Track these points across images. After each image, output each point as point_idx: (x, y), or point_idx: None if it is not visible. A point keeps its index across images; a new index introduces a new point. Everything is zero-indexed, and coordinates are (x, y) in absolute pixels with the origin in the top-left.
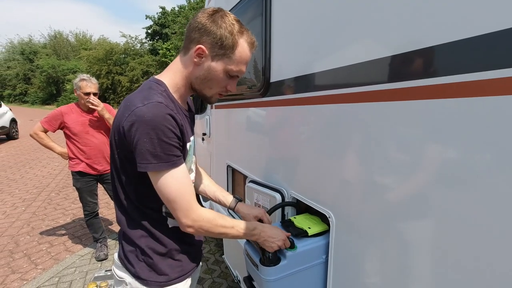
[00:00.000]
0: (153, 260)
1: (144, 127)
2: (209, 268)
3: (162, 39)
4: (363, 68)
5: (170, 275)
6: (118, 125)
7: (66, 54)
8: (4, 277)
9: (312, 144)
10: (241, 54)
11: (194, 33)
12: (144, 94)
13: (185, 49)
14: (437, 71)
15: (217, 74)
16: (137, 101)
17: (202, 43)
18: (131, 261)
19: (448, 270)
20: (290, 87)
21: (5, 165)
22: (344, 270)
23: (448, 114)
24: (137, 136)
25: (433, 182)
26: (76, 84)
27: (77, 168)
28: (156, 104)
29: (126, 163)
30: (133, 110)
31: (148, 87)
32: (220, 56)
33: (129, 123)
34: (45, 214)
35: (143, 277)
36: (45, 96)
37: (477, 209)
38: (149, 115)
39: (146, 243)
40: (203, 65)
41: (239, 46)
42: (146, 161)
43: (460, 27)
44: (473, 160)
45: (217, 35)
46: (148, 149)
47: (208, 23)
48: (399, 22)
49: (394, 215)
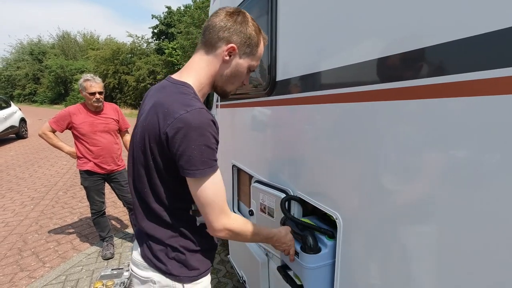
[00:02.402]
0: (185, 256)
1: (191, 134)
2: (214, 268)
3: (168, 38)
4: (372, 66)
5: (200, 269)
6: (155, 131)
7: (74, 54)
8: (12, 275)
9: (319, 144)
10: (261, 51)
11: (223, 32)
12: (180, 99)
13: (209, 48)
14: (451, 68)
15: (242, 70)
16: (177, 108)
17: (232, 42)
18: (161, 260)
19: (456, 271)
20: (297, 86)
21: (14, 164)
22: (351, 272)
23: (466, 114)
24: (184, 143)
25: (442, 184)
26: (81, 85)
27: (85, 167)
28: (199, 111)
29: (162, 169)
30: (176, 118)
31: (179, 92)
32: (247, 54)
33: (173, 130)
34: (53, 213)
35: (175, 274)
36: (54, 95)
37: (486, 210)
38: (196, 122)
39: (177, 242)
40: (231, 62)
41: (261, 44)
42: (194, 168)
43: (471, 24)
44: (485, 162)
45: (246, 35)
46: (196, 155)
47: (237, 23)
48: (408, 18)
49: (401, 216)
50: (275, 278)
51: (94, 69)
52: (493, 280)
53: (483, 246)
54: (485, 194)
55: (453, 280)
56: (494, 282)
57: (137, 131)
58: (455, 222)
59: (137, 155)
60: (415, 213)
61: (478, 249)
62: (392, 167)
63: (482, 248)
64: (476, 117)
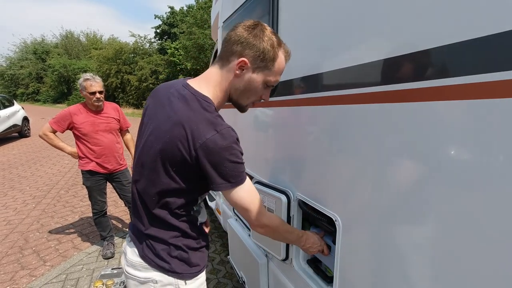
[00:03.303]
0: (188, 254)
1: (224, 155)
2: (214, 268)
3: (171, 38)
4: (373, 68)
5: (200, 265)
6: (183, 148)
7: (77, 54)
8: (13, 273)
9: (319, 146)
10: (279, 66)
11: (236, 46)
12: (207, 117)
13: (223, 61)
14: (451, 71)
15: (257, 85)
16: (206, 128)
17: (245, 56)
18: (164, 259)
19: (457, 274)
20: (297, 87)
21: (17, 163)
22: (350, 273)
23: (463, 116)
24: (217, 163)
25: (442, 186)
26: (81, 85)
27: (87, 167)
28: (227, 130)
29: (181, 180)
30: (208, 138)
31: (203, 108)
32: (261, 68)
33: (205, 151)
34: (54, 212)
35: (179, 271)
36: (57, 95)
37: (487, 211)
38: (226, 143)
39: (180, 241)
40: (243, 77)
41: (278, 58)
42: (225, 182)
43: (474, 27)
44: (484, 162)
45: (259, 49)
46: (228, 172)
47: (250, 37)
48: (411, 19)
49: (402, 220)
50: (275, 279)
51: (97, 68)
52: (494, 279)
53: (482, 247)
54: (486, 195)
55: (452, 282)
56: (494, 282)
57: (153, 140)
58: (456, 226)
59: (151, 164)
60: (416, 217)
61: (478, 249)
62: (393, 171)
63: (481, 248)
64: (478, 119)
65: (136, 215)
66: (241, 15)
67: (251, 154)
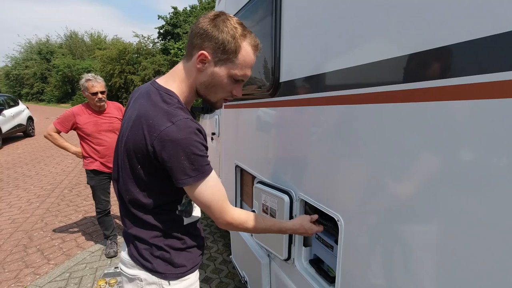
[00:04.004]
0: (169, 255)
1: (180, 147)
2: (216, 268)
3: (174, 38)
4: (376, 68)
5: (187, 266)
6: (141, 144)
7: (81, 54)
8: (18, 271)
9: (322, 146)
10: (244, 58)
11: (196, 39)
12: (165, 109)
13: (188, 56)
14: (455, 71)
15: (221, 79)
16: (161, 120)
17: (204, 48)
18: (147, 258)
19: (458, 274)
20: (300, 87)
21: (21, 162)
22: (353, 273)
23: (467, 116)
24: (173, 155)
25: (445, 186)
26: (82, 86)
27: (91, 167)
28: (184, 121)
29: (149, 177)
30: (162, 130)
31: (163, 101)
32: (223, 61)
33: (160, 144)
34: (58, 210)
35: (161, 271)
36: (61, 94)
37: (490, 211)
38: (182, 134)
39: (161, 241)
40: (206, 71)
41: (242, 50)
42: (185, 177)
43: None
44: (487, 163)
45: (219, 40)
46: (187, 166)
47: (210, 28)
48: (415, 19)
49: (403, 220)
50: (277, 279)
51: (101, 68)
52: (496, 279)
53: (486, 246)
54: (489, 195)
55: (453, 282)
56: (496, 282)
57: (122, 139)
58: (459, 226)
59: (122, 162)
60: (418, 216)
61: (482, 248)
62: (395, 170)
63: (485, 247)
64: (483, 120)
65: (121, 215)
66: (245, 15)
67: (254, 154)
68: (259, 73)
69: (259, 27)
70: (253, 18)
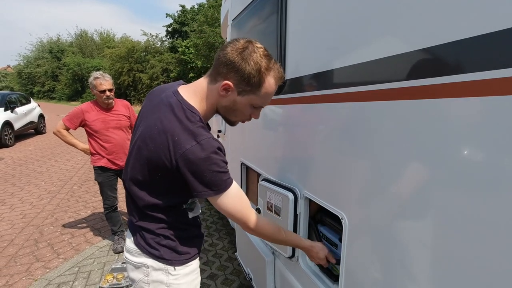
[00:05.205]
0: (175, 243)
1: (203, 165)
2: (222, 265)
3: (182, 37)
4: (383, 65)
5: (190, 253)
6: (165, 157)
7: (91, 52)
8: (29, 265)
9: (327, 144)
10: (267, 90)
11: (223, 67)
12: (189, 128)
13: (212, 79)
14: (464, 67)
15: (241, 106)
16: (186, 139)
17: (229, 79)
18: (154, 246)
19: (462, 272)
20: (306, 85)
21: (33, 158)
22: (356, 271)
23: (476, 114)
24: (196, 172)
25: (451, 184)
26: (91, 83)
27: (99, 163)
28: (207, 141)
29: (165, 184)
30: (188, 149)
31: (187, 118)
32: (246, 92)
33: (184, 161)
34: (67, 206)
35: (167, 258)
36: (71, 92)
37: (499, 211)
38: (205, 153)
39: (168, 232)
40: (229, 98)
41: (266, 83)
42: (207, 190)
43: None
44: (497, 162)
45: (244, 73)
46: (209, 181)
47: (237, 60)
48: (423, 14)
49: (407, 218)
50: (281, 276)
51: (110, 67)
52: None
53: (491, 246)
54: (495, 196)
55: (459, 281)
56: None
57: (138, 145)
58: (464, 224)
59: (137, 167)
60: (421, 214)
61: (487, 248)
62: (399, 168)
63: (491, 247)
64: (488, 118)
65: (128, 209)
66: (250, 13)
67: (259, 151)
68: None
69: (264, 24)
70: (259, 15)
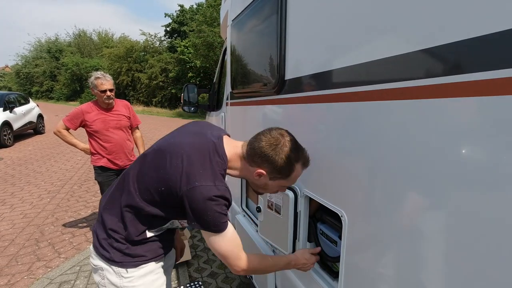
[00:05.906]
0: (127, 246)
1: (210, 206)
2: (222, 264)
3: (181, 36)
4: (382, 65)
5: (146, 256)
6: (174, 183)
7: (89, 52)
8: (30, 264)
9: (327, 143)
10: (295, 175)
11: (257, 158)
12: (212, 169)
13: (247, 160)
14: (463, 67)
15: (272, 187)
16: (203, 176)
17: (263, 168)
18: (105, 248)
19: (461, 269)
20: (305, 85)
21: (32, 158)
22: (356, 269)
23: (476, 114)
24: (200, 209)
25: (450, 182)
26: (92, 83)
27: (99, 163)
28: (217, 188)
29: (161, 206)
30: (198, 186)
31: (216, 162)
32: (277, 178)
33: (191, 197)
34: (68, 206)
35: (117, 260)
36: (69, 92)
37: (495, 211)
38: (215, 197)
39: (121, 235)
40: (261, 181)
41: (295, 171)
42: (204, 226)
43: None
44: (496, 162)
45: (277, 165)
46: (210, 221)
47: (270, 153)
48: (422, 15)
49: (407, 215)
50: (282, 274)
51: (108, 66)
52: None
53: (489, 243)
54: (493, 195)
55: (457, 278)
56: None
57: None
58: (462, 223)
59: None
60: (420, 212)
61: (486, 245)
62: (398, 166)
63: (490, 244)
64: (487, 117)
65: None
66: (250, 13)
67: None
68: (264, 71)
69: (264, 24)
70: (259, 16)
